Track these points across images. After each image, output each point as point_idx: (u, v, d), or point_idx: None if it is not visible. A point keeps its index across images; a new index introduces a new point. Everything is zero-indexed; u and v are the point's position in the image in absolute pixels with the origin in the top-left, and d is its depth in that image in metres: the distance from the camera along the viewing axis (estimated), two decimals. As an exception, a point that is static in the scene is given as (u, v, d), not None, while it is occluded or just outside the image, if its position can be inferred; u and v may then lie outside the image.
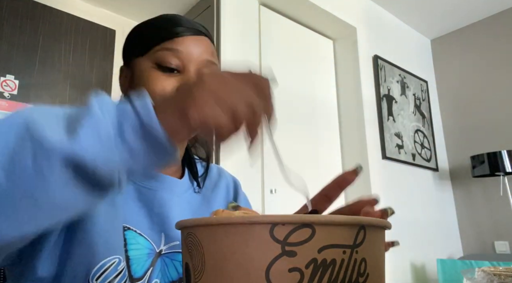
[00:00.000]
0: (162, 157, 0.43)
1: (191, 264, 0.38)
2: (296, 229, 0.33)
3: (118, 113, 0.41)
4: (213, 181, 0.86)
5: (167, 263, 0.68)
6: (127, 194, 0.68)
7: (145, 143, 0.41)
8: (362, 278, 0.36)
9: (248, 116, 0.42)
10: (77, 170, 0.38)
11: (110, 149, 0.39)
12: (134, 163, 0.41)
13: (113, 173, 0.39)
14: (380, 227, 0.39)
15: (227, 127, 0.41)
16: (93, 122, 0.39)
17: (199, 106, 0.40)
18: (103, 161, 0.38)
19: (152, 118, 0.40)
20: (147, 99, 0.42)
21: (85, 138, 0.38)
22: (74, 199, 0.39)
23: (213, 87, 0.41)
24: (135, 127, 0.40)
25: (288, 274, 0.33)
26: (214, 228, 0.36)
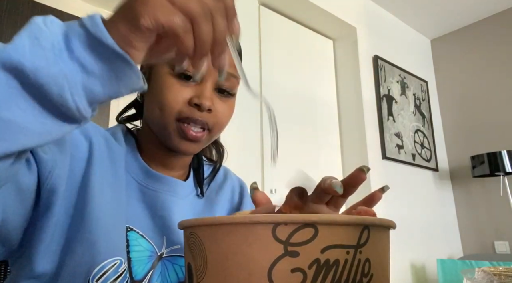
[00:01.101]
0: (121, 73, 0.40)
1: (193, 264, 0.37)
2: (298, 229, 0.33)
3: (64, 26, 0.38)
4: (218, 183, 0.85)
5: (168, 266, 0.68)
6: (131, 194, 0.67)
7: (97, 55, 0.38)
8: (366, 278, 0.35)
9: (205, 15, 0.38)
10: (19, 79, 0.35)
11: (54, 57, 0.36)
12: (89, 80, 0.38)
13: (62, 86, 0.36)
14: (384, 226, 0.39)
15: (182, 26, 0.37)
16: (32, 31, 0.37)
17: (150, 8, 0.37)
18: (46, 69, 0.35)
19: (100, 28, 0.37)
20: (96, 14, 0.39)
21: (21, 44, 0.35)
22: (28, 119, 0.36)
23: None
24: (82, 38, 0.37)
25: (291, 274, 0.33)
26: (216, 228, 0.35)
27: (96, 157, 0.63)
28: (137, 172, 0.70)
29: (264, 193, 0.49)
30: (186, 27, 0.38)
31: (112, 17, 0.39)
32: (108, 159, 0.65)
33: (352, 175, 0.48)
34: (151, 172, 0.70)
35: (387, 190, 0.49)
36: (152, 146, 0.72)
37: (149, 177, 0.70)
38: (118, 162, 0.67)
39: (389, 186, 0.52)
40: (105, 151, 0.65)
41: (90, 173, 0.61)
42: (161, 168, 0.73)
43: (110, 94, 0.40)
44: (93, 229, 0.58)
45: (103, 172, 0.63)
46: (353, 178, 0.48)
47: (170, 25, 0.37)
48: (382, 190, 0.50)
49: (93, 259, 0.57)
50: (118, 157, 0.67)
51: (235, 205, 0.85)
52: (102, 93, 0.39)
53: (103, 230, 0.59)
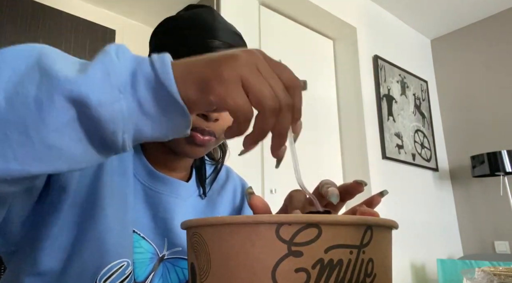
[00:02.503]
0: (174, 122, 0.40)
1: (196, 264, 0.37)
2: (302, 229, 0.33)
3: (134, 62, 0.38)
4: (220, 183, 0.84)
5: (169, 268, 0.68)
6: (136, 195, 0.67)
7: (158, 100, 0.38)
8: (369, 278, 0.35)
9: (274, 109, 0.38)
10: (79, 110, 0.35)
11: (119, 95, 0.36)
12: (143, 120, 0.38)
13: (118, 124, 0.36)
14: (387, 226, 0.39)
15: (245, 115, 0.37)
16: (106, 63, 0.37)
17: (224, 84, 0.37)
18: (109, 106, 0.35)
19: (169, 77, 0.38)
20: (167, 57, 0.39)
21: (94, 77, 0.35)
22: (71, 147, 0.36)
23: (245, 69, 0.38)
24: (149, 80, 0.38)
25: (295, 274, 0.33)
26: (219, 228, 0.35)
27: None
28: (141, 173, 0.70)
29: (260, 197, 0.48)
30: (248, 116, 0.38)
31: (184, 72, 0.39)
32: (117, 160, 0.65)
33: (350, 185, 0.49)
34: (155, 173, 0.70)
35: (386, 194, 0.49)
36: (155, 148, 0.72)
37: (152, 178, 0.70)
38: (126, 162, 0.67)
39: (389, 185, 0.52)
40: None
41: (101, 174, 0.62)
42: (164, 169, 0.73)
43: (156, 137, 0.41)
44: (103, 230, 0.58)
45: (113, 172, 0.63)
46: (350, 188, 0.49)
47: (234, 110, 0.37)
48: (381, 194, 0.50)
49: (101, 259, 0.57)
50: (126, 157, 0.67)
51: (236, 206, 0.85)
52: (150, 134, 0.40)
53: (112, 231, 0.59)
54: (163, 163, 0.73)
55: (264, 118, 0.38)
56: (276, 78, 0.39)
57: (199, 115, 0.64)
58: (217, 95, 0.37)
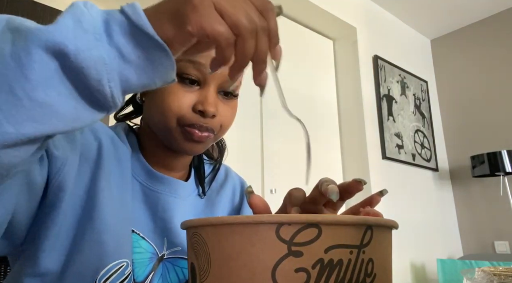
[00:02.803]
0: (158, 64, 0.40)
1: (196, 264, 0.37)
2: (302, 229, 0.33)
3: (104, 12, 0.38)
4: (219, 183, 0.84)
5: (169, 268, 0.68)
6: (135, 195, 0.67)
7: (136, 44, 0.38)
8: (369, 278, 0.35)
9: (251, 32, 0.38)
10: (60, 61, 0.35)
11: (95, 41, 0.36)
12: (126, 68, 0.38)
13: (101, 71, 0.36)
14: (387, 226, 0.39)
15: (226, 38, 0.37)
16: (76, 13, 0.36)
17: (199, 12, 0.37)
18: (87, 52, 0.35)
19: (142, 18, 0.37)
20: (136, 3, 0.38)
21: (66, 25, 0.35)
22: (62, 102, 0.36)
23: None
24: (122, 25, 0.37)
25: (295, 274, 0.33)
26: (219, 228, 0.35)
27: (104, 157, 0.63)
28: (139, 172, 0.69)
29: (260, 197, 0.49)
30: (229, 39, 0.38)
31: (155, 11, 0.39)
32: (115, 160, 0.65)
33: (349, 183, 0.49)
34: (153, 173, 0.70)
35: (385, 194, 0.49)
36: (153, 146, 0.72)
37: (151, 178, 0.70)
38: (124, 162, 0.66)
39: (389, 185, 0.52)
40: (112, 151, 0.65)
41: (98, 173, 0.61)
42: (163, 169, 0.73)
43: (143, 84, 0.40)
44: (102, 230, 0.58)
45: (111, 173, 0.63)
46: (350, 187, 0.49)
47: (214, 35, 0.37)
48: (380, 194, 0.50)
49: (101, 260, 0.57)
50: (124, 157, 0.67)
51: (236, 205, 0.85)
52: (137, 82, 0.39)
53: (110, 231, 0.59)
54: (161, 162, 0.73)
55: (243, 41, 0.38)
56: (248, 1, 0.39)
57: (196, 112, 0.64)
58: (193, 24, 0.37)
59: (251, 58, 0.40)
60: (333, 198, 0.45)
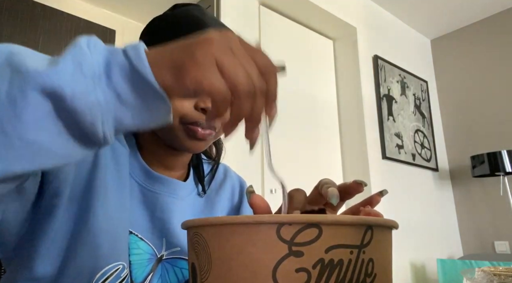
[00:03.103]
0: (154, 108, 0.39)
1: (197, 264, 0.38)
2: (303, 229, 0.33)
3: (107, 52, 0.38)
4: (218, 182, 0.84)
5: (168, 268, 0.67)
6: (133, 195, 0.67)
7: (134, 88, 0.37)
8: (369, 278, 0.35)
9: (249, 93, 0.38)
10: (55, 103, 0.35)
11: (93, 85, 0.36)
12: (122, 110, 0.38)
13: (96, 115, 0.36)
14: (387, 227, 0.39)
15: (222, 96, 0.37)
16: (77, 55, 0.36)
17: (199, 68, 0.37)
18: (84, 96, 0.35)
19: (144, 63, 0.37)
20: (141, 45, 0.38)
21: (65, 68, 0.35)
22: (52, 142, 0.36)
23: (219, 52, 0.37)
24: (123, 69, 0.37)
25: (295, 274, 0.33)
26: (220, 228, 0.35)
27: (101, 159, 0.62)
28: (138, 173, 0.69)
29: (261, 196, 0.48)
30: (225, 97, 0.37)
31: (158, 58, 0.39)
32: (112, 161, 0.65)
33: (350, 185, 0.49)
34: (152, 173, 0.70)
35: (385, 194, 0.49)
36: (153, 146, 0.72)
37: (149, 178, 0.69)
38: (122, 164, 0.66)
39: (389, 185, 0.52)
40: (109, 152, 0.65)
41: (95, 176, 0.61)
42: (162, 168, 0.73)
43: (138, 126, 0.40)
44: (97, 233, 0.57)
45: (108, 174, 0.63)
46: (350, 188, 0.49)
47: (211, 92, 0.37)
48: (380, 194, 0.50)
49: (96, 263, 0.57)
50: (122, 158, 0.66)
51: (235, 204, 0.84)
52: (131, 123, 0.39)
53: (106, 234, 0.58)
54: (160, 161, 0.73)
55: (239, 102, 0.38)
56: (251, 62, 0.39)
57: (199, 110, 0.64)
58: (192, 78, 0.37)
59: (245, 115, 0.40)
60: (333, 202, 0.45)
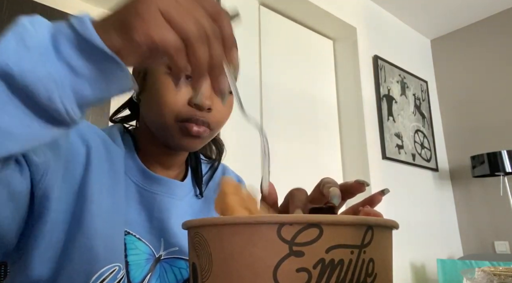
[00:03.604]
0: (111, 75, 0.39)
1: (198, 263, 0.38)
2: (303, 229, 0.33)
3: (51, 27, 0.37)
4: (217, 182, 0.83)
5: (166, 268, 0.67)
6: (129, 196, 0.66)
7: (85, 56, 0.37)
8: (370, 278, 0.35)
9: (200, 38, 0.37)
10: (6, 82, 0.34)
11: (41, 59, 0.35)
12: (78, 82, 0.37)
13: (51, 89, 0.35)
14: (387, 227, 0.39)
15: (175, 46, 0.36)
16: (18, 31, 0.35)
17: (145, 21, 0.36)
18: (33, 70, 0.34)
19: (89, 30, 0.36)
20: (85, 15, 0.37)
21: (8, 45, 0.34)
22: (15, 123, 0.35)
23: (162, 2, 0.36)
24: (70, 39, 0.36)
25: (296, 274, 0.33)
26: (221, 228, 0.35)
27: (94, 161, 0.62)
28: (135, 173, 0.69)
29: (272, 185, 0.50)
30: (178, 46, 0.37)
31: (103, 23, 0.38)
32: (107, 162, 0.64)
33: (351, 184, 0.49)
34: (149, 173, 0.69)
35: (387, 193, 0.49)
36: (150, 145, 0.71)
37: (147, 178, 0.69)
38: (117, 164, 0.66)
39: (389, 185, 0.52)
40: (103, 153, 0.64)
41: (88, 178, 0.60)
42: (159, 168, 0.73)
43: (99, 96, 0.39)
44: (91, 236, 0.57)
45: (102, 176, 0.62)
46: (352, 188, 0.49)
47: (163, 43, 0.36)
48: (382, 193, 0.50)
49: (92, 266, 0.57)
50: (117, 159, 0.66)
51: None
52: (92, 95, 0.39)
53: (101, 236, 0.58)
54: (157, 161, 0.72)
55: (193, 48, 0.37)
56: (198, 7, 0.38)
57: (192, 106, 0.64)
58: (140, 33, 0.36)
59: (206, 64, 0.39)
60: (335, 202, 0.45)
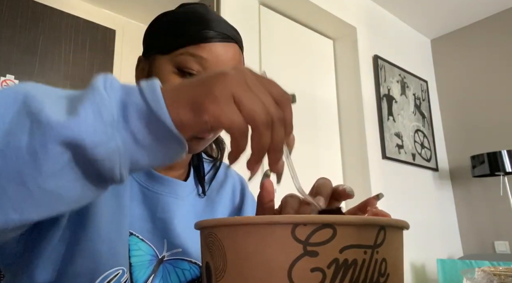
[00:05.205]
0: (170, 149, 0.39)
1: (212, 263, 0.38)
2: (317, 229, 0.34)
3: (123, 94, 0.38)
4: (219, 181, 0.83)
5: (169, 270, 0.66)
6: (132, 196, 0.66)
7: (151, 130, 0.37)
8: (382, 278, 0.36)
9: (267, 124, 0.38)
10: (75, 153, 0.34)
11: (112, 131, 0.35)
12: (138, 152, 0.37)
13: (114, 161, 0.36)
14: (398, 227, 0.39)
15: (241, 130, 0.37)
16: (96, 101, 0.36)
17: (218, 104, 0.37)
18: (104, 145, 0.35)
19: (160, 105, 0.37)
20: (157, 85, 0.38)
21: (86, 118, 0.34)
22: (69, 189, 0.35)
23: (235, 86, 0.38)
24: (140, 111, 0.37)
25: (310, 274, 0.33)
26: (235, 228, 0.36)
27: None
28: (138, 173, 0.69)
29: (272, 183, 0.51)
30: (244, 131, 0.38)
31: (174, 95, 0.39)
32: None
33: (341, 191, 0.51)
34: (152, 173, 0.69)
35: (381, 198, 0.50)
36: None
37: (150, 178, 0.69)
38: None
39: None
40: None
41: None
42: (161, 168, 0.72)
43: (152, 165, 0.40)
44: (95, 238, 0.57)
45: None
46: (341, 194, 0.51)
47: (230, 127, 0.37)
48: (377, 197, 0.50)
49: (95, 269, 0.56)
50: None
51: (236, 204, 0.84)
52: (147, 164, 0.39)
53: (105, 239, 0.58)
54: None
55: (259, 134, 0.38)
56: (266, 93, 0.40)
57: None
58: (211, 114, 0.37)
59: (268, 148, 0.40)
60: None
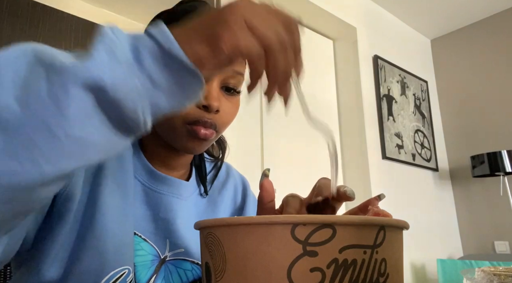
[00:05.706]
0: (188, 87, 0.39)
1: (211, 263, 0.38)
2: (317, 229, 0.34)
3: (131, 39, 0.37)
4: (221, 181, 0.84)
5: (171, 270, 0.66)
6: (136, 196, 0.66)
7: (167, 70, 0.37)
8: (382, 278, 0.36)
9: (281, 48, 0.40)
10: (97, 95, 0.34)
11: (130, 73, 0.35)
12: (157, 94, 0.37)
13: (136, 103, 0.36)
14: (399, 227, 0.39)
15: (259, 56, 0.38)
16: (107, 43, 0.35)
17: (233, 33, 0.37)
18: (124, 84, 0.35)
19: (173, 44, 0.37)
20: (165, 27, 0.38)
21: (101, 58, 0.34)
22: (96, 134, 0.35)
23: (247, 13, 0.38)
24: (154, 53, 0.37)
25: (310, 274, 0.33)
26: (235, 228, 0.36)
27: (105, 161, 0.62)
28: (141, 172, 0.69)
29: (271, 182, 0.52)
30: (261, 55, 0.39)
31: (185, 32, 0.39)
32: (117, 161, 0.64)
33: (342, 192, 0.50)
34: (155, 173, 0.69)
35: (383, 198, 0.50)
36: (155, 145, 0.71)
37: (153, 178, 0.69)
38: (126, 163, 0.65)
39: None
40: None
41: (100, 177, 0.60)
42: (164, 168, 0.72)
43: (173, 107, 0.40)
44: (102, 237, 0.57)
45: (113, 175, 0.62)
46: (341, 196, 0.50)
47: (247, 51, 0.38)
48: (378, 198, 0.51)
49: (101, 268, 0.56)
50: (126, 158, 0.66)
51: (238, 204, 0.84)
52: (167, 106, 0.39)
53: (111, 238, 0.58)
54: (162, 161, 0.72)
55: (274, 56, 0.40)
56: (275, 18, 0.41)
57: (200, 107, 0.63)
58: (227, 42, 0.37)
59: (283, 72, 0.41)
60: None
